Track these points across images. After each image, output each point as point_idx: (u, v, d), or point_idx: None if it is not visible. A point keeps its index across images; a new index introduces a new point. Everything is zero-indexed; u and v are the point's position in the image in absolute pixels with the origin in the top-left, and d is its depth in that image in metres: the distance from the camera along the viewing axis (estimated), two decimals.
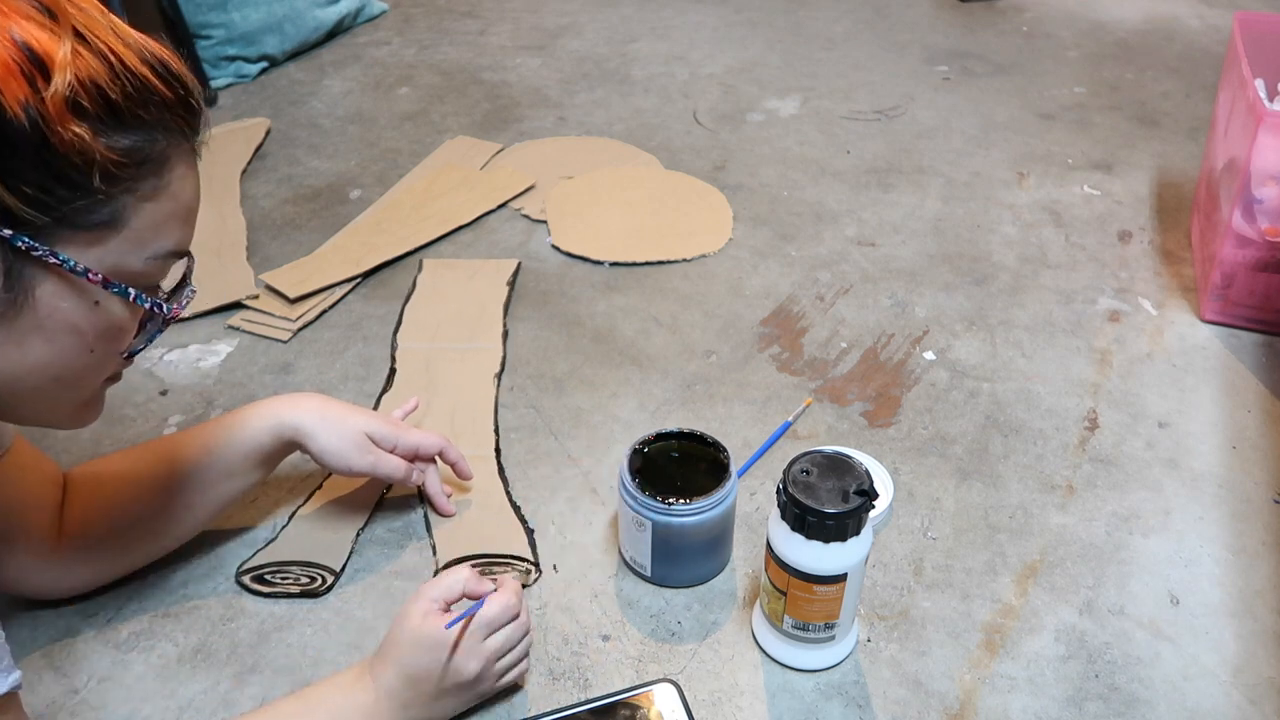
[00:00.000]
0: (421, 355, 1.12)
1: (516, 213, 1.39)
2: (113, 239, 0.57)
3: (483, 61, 1.84)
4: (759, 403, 1.06)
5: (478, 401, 1.05)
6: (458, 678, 0.72)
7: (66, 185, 0.54)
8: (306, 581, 0.86)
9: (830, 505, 0.70)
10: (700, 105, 1.68)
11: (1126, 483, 0.97)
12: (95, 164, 0.54)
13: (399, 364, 1.10)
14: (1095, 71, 1.80)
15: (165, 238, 0.60)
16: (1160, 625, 0.84)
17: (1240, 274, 1.13)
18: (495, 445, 1.00)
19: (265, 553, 0.88)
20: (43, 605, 0.84)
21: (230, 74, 1.74)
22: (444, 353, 1.12)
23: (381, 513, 0.93)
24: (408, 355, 1.12)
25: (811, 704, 0.77)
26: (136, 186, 0.57)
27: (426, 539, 0.91)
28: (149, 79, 0.57)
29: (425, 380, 1.08)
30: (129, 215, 0.58)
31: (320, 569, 0.87)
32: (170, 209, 0.60)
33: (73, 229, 0.56)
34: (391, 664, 0.71)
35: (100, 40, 0.55)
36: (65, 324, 0.58)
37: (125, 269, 0.59)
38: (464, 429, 1.02)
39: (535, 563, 0.88)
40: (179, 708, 0.77)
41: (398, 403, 1.03)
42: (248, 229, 1.34)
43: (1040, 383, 1.09)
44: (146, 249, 0.59)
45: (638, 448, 0.86)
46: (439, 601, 0.73)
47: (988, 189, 1.45)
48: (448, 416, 1.03)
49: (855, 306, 1.21)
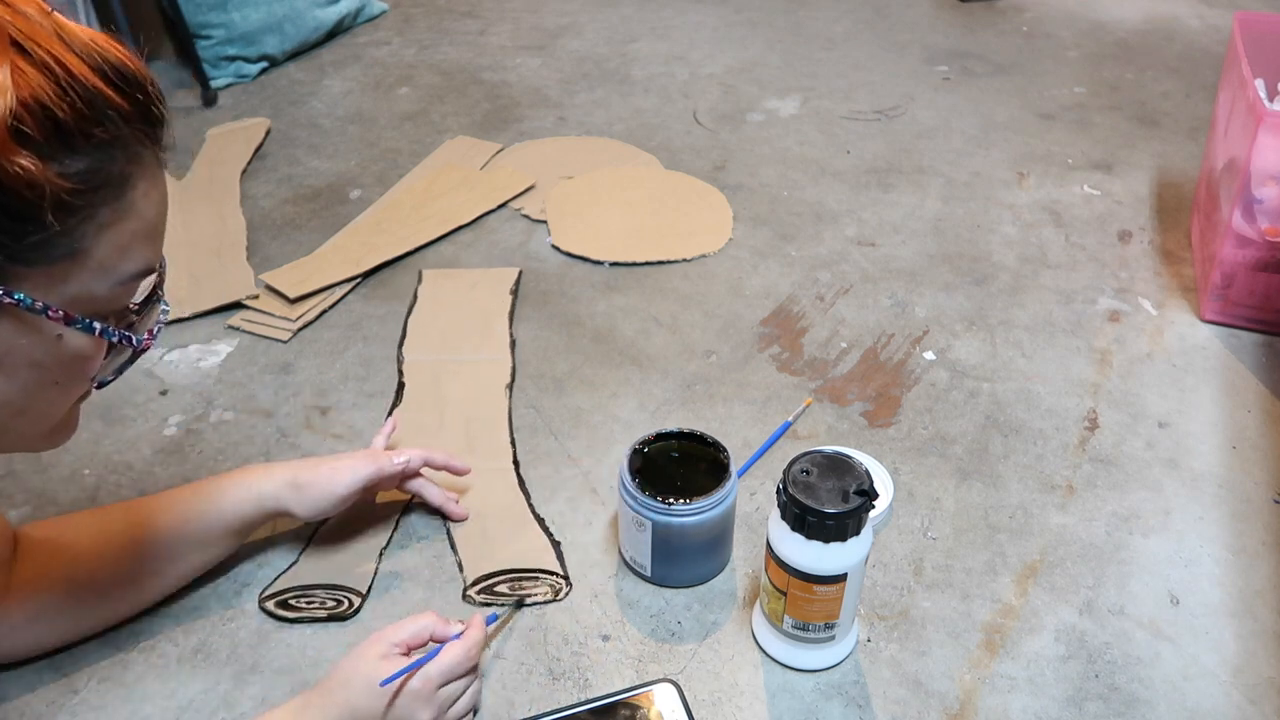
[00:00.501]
0: (429, 368, 1.11)
1: (516, 213, 1.39)
2: (74, 271, 0.52)
3: (483, 61, 1.84)
4: (759, 403, 1.06)
5: (491, 414, 1.04)
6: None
7: (16, 220, 0.48)
8: (333, 605, 0.84)
9: (830, 505, 0.70)
10: (700, 105, 1.68)
11: (1126, 483, 0.97)
12: (46, 196, 0.48)
13: (407, 377, 1.09)
14: (1095, 71, 1.80)
15: (131, 261, 0.55)
16: (1160, 625, 0.84)
17: (1240, 274, 1.13)
18: (513, 457, 0.99)
19: (288, 576, 0.86)
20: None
21: (230, 74, 1.74)
22: (452, 365, 1.11)
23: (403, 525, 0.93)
24: (415, 368, 1.10)
25: (811, 704, 0.77)
26: (95, 213, 0.51)
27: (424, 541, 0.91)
28: (102, 90, 0.50)
29: (435, 393, 1.07)
30: (90, 244, 0.52)
31: (346, 591, 0.85)
32: (134, 229, 0.54)
33: (27, 265, 0.50)
34: (337, 703, 0.68)
35: (43, 49, 0.48)
36: (26, 360, 0.54)
37: (89, 297, 0.54)
38: (480, 442, 1.01)
39: (565, 575, 0.87)
40: (179, 708, 0.77)
41: (409, 417, 1.03)
42: (248, 229, 1.34)
43: (1040, 383, 1.09)
44: (111, 276, 0.54)
45: (638, 448, 0.86)
46: (400, 646, 0.71)
47: (988, 189, 1.45)
48: (462, 430, 1.02)
49: (855, 306, 1.21)
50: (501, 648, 0.81)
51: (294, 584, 0.85)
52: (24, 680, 0.78)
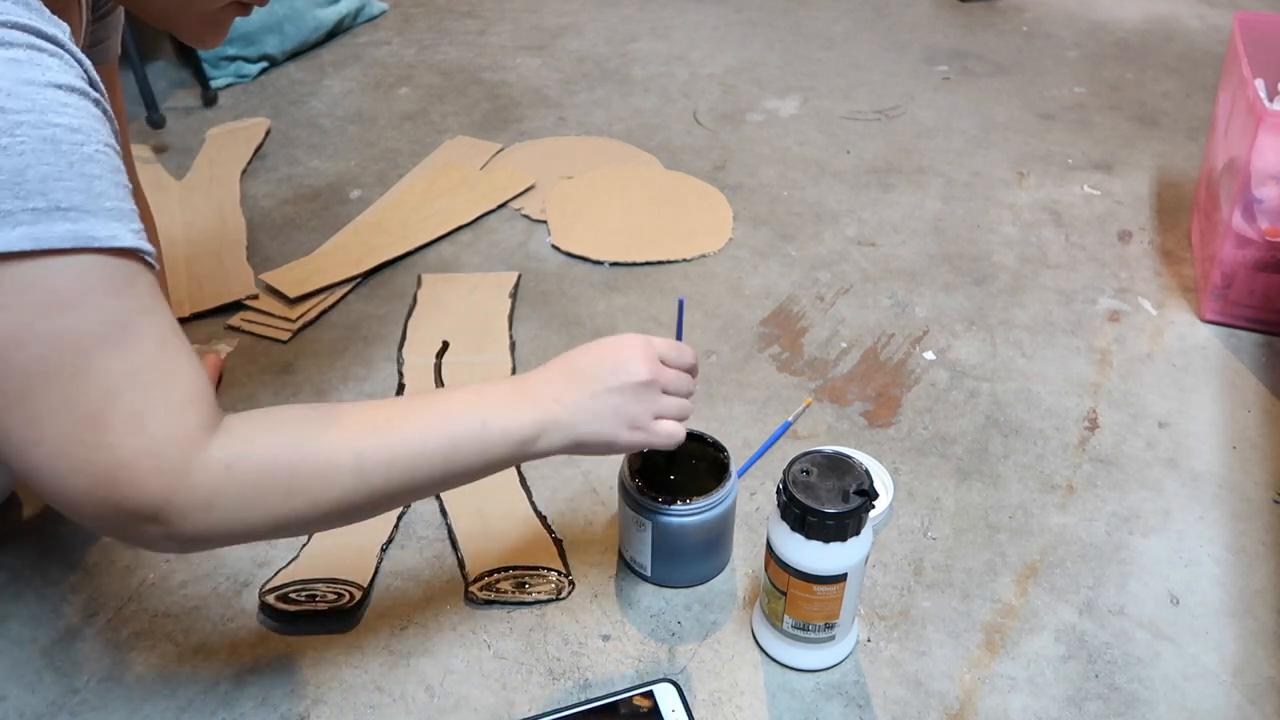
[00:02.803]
0: (429, 370, 1.11)
1: (516, 213, 1.39)
2: None
3: (483, 61, 1.84)
4: (759, 403, 1.06)
5: None
6: (625, 376, 0.69)
7: None
8: (334, 599, 0.83)
9: (830, 505, 0.70)
10: (700, 105, 1.68)
11: (1126, 483, 0.97)
12: None
13: (407, 379, 1.09)
14: (1095, 71, 1.80)
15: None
16: (1160, 625, 0.84)
17: (1240, 274, 1.13)
18: None
19: (289, 570, 0.86)
20: (42, 605, 0.84)
21: (230, 74, 1.74)
22: (453, 366, 1.11)
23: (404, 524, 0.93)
24: (415, 370, 1.10)
25: (811, 704, 0.77)
26: None
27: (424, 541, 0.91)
28: None
29: None
30: None
31: (348, 585, 0.85)
32: None
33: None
34: (556, 363, 0.70)
35: None
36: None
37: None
38: None
39: (568, 574, 0.87)
40: (179, 708, 0.77)
41: None
42: (248, 229, 1.34)
43: (1040, 383, 1.09)
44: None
45: None
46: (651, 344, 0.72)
47: (988, 189, 1.45)
48: None
49: (855, 306, 1.21)
50: (502, 648, 0.81)
51: (295, 578, 0.85)
52: (24, 680, 0.78)
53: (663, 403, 0.72)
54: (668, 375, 0.72)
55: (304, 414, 0.61)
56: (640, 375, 0.69)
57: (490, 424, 0.65)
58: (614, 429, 0.70)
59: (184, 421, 0.55)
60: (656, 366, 0.71)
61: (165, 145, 1.56)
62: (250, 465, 0.56)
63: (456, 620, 0.84)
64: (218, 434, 0.56)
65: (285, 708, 0.77)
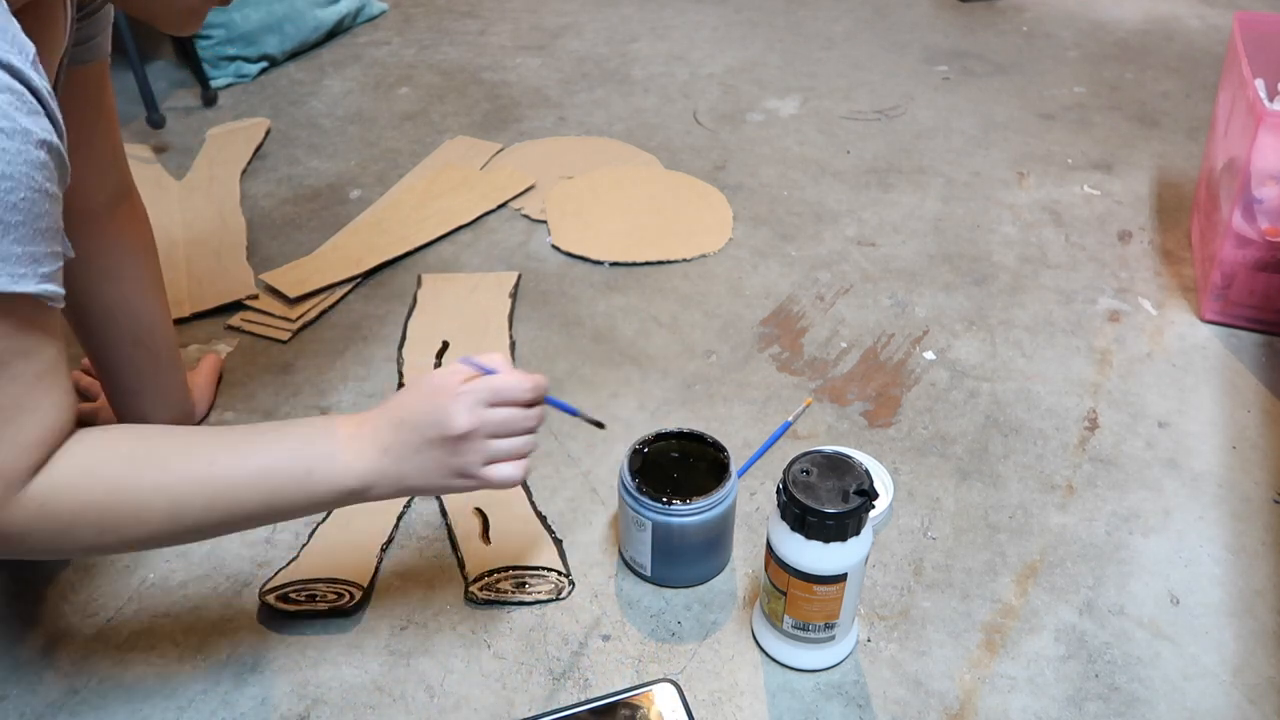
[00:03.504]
0: (429, 370, 1.10)
1: (516, 213, 1.39)
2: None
3: (483, 61, 1.84)
4: (759, 403, 1.06)
5: None
6: (444, 429, 0.66)
7: None
8: (334, 598, 0.84)
9: (830, 505, 0.70)
10: (700, 105, 1.68)
11: (1126, 483, 0.97)
12: None
13: (407, 379, 1.09)
14: (1095, 71, 1.80)
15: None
16: (1160, 625, 0.84)
17: (1240, 274, 1.13)
18: None
19: (288, 571, 0.86)
20: (42, 605, 0.84)
21: (230, 74, 1.73)
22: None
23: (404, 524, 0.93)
24: (415, 370, 1.10)
25: (811, 704, 0.77)
26: None
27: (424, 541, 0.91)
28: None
29: None
30: None
31: (348, 585, 0.85)
32: None
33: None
34: (386, 408, 0.69)
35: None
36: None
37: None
38: None
39: (568, 573, 0.87)
40: (179, 708, 0.77)
41: None
42: (248, 229, 1.34)
43: (1040, 383, 1.09)
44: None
45: (638, 448, 0.86)
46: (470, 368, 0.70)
47: (988, 189, 1.45)
48: None
49: (855, 306, 1.21)
50: (502, 648, 0.81)
51: (295, 578, 0.85)
52: (24, 680, 0.78)
53: (492, 448, 0.69)
54: (495, 419, 0.68)
55: (133, 451, 0.63)
56: (458, 428, 0.67)
57: (315, 474, 0.66)
58: (442, 479, 0.69)
59: (21, 459, 0.58)
60: (478, 414, 0.67)
61: (165, 145, 1.56)
62: (63, 506, 0.60)
63: (456, 620, 0.84)
64: (43, 471, 0.59)
65: (285, 708, 0.77)
